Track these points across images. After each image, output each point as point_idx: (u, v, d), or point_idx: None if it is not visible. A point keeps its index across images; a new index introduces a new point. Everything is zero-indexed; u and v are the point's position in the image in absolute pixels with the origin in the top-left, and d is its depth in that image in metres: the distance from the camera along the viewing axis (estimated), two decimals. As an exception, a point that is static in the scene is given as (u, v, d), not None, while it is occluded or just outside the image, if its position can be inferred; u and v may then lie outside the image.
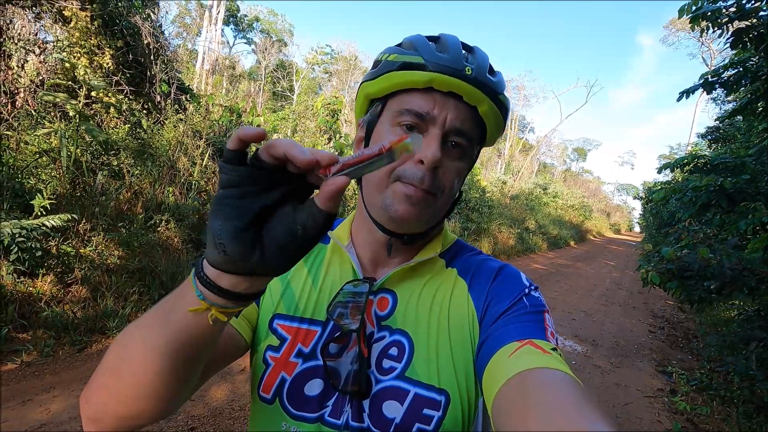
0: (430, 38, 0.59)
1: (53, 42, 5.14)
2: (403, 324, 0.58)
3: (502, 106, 0.57)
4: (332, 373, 0.56)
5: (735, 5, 3.66)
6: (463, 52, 0.56)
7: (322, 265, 0.65)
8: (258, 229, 0.36)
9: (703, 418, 3.28)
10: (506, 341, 0.50)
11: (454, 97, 0.54)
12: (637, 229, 46.29)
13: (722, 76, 4.09)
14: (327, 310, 0.58)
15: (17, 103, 4.60)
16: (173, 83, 5.90)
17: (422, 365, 0.55)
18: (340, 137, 6.75)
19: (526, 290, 0.58)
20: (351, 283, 0.60)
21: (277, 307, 0.62)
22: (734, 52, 4.09)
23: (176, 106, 5.88)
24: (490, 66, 0.58)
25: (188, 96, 6.32)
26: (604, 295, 8.06)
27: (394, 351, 0.57)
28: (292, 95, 22.05)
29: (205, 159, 5.49)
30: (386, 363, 0.56)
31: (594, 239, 26.40)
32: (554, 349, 0.48)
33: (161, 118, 5.57)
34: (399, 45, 0.59)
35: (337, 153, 6.79)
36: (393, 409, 0.53)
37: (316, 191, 0.38)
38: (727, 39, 3.95)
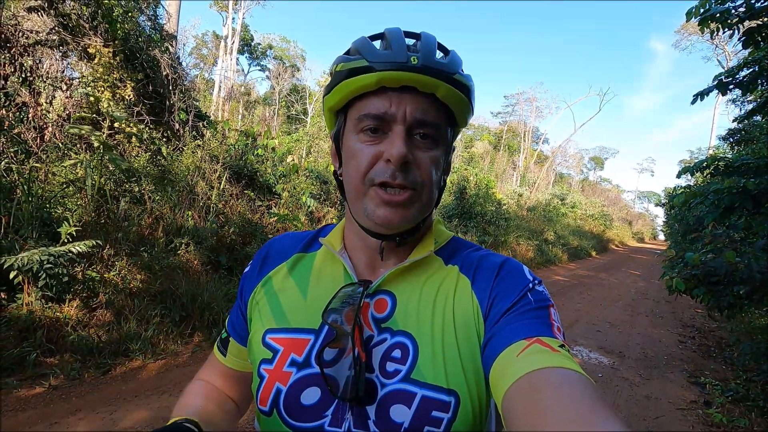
0: (375, 37, 0.58)
1: (79, 78, 5.42)
2: (404, 325, 0.57)
3: (459, 85, 0.55)
4: (330, 380, 0.54)
5: (744, 5, 3.62)
6: (409, 41, 0.56)
7: (310, 274, 0.64)
8: None
9: (741, 430, 3.12)
10: (513, 339, 0.49)
11: (409, 90, 0.53)
12: (661, 237, 44.97)
13: (737, 76, 4.03)
14: (322, 315, 0.57)
15: (45, 136, 4.84)
16: (191, 111, 6.12)
17: (428, 366, 0.53)
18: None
19: (530, 285, 0.56)
20: (345, 288, 0.59)
21: (268, 323, 0.62)
22: (748, 51, 4.03)
23: (194, 133, 6.09)
24: (440, 47, 0.57)
25: (205, 122, 6.54)
26: (630, 305, 7.82)
27: (397, 353, 0.55)
28: (306, 118, 22.53)
29: (223, 182, 5.64)
30: (390, 366, 0.54)
31: (616, 249, 25.74)
32: (562, 346, 0.48)
33: (180, 145, 5.77)
34: (347, 52, 0.58)
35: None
36: (400, 414, 0.52)
37: None
38: (739, 39, 3.90)
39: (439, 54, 0.56)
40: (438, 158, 0.57)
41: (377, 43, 0.56)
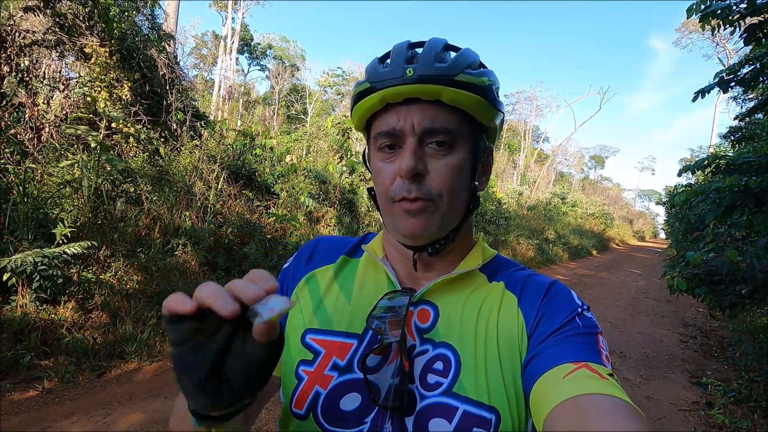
0: (384, 56, 0.59)
1: (75, 78, 5.39)
2: (447, 337, 0.56)
3: (465, 85, 0.53)
4: (372, 386, 0.53)
5: (746, 1, 3.58)
6: (410, 52, 0.56)
7: (354, 279, 0.64)
8: (219, 371, 0.37)
9: (744, 431, 3.08)
10: (560, 361, 0.48)
11: (414, 101, 0.53)
12: (662, 235, 44.93)
13: (738, 73, 3.99)
14: (366, 320, 0.56)
15: (42, 137, 4.81)
16: (188, 111, 6.09)
17: (470, 381, 0.52)
18: (351, 155, 6.81)
19: (579, 309, 0.55)
20: (388, 295, 0.59)
21: (309, 322, 0.61)
22: (749, 48, 3.99)
23: (192, 133, 6.06)
24: (441, 53, 0.55)
25: (203, 122, 6.50)
26: (631, 304, 7.78)
27: (439, 365, 0.54)
28: (306, 117, 22.51)
29: (220, 182, 5.61)
30: (431, 378, 0.54)
31: (617, 247, 25.69)
32: (611, 375, 0.46)
33: (177, 145, 5.74)
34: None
35: (348, 170, 6.87)
36: (441, 427, 0.51)
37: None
38: (740, 36, 3.86)
39: (449, 55, 0.56)
40: (459, 163, 0.55)
41: (377, 64, 0.57)
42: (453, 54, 0.56)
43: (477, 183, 0.60)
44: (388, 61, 0.56)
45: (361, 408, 0.54)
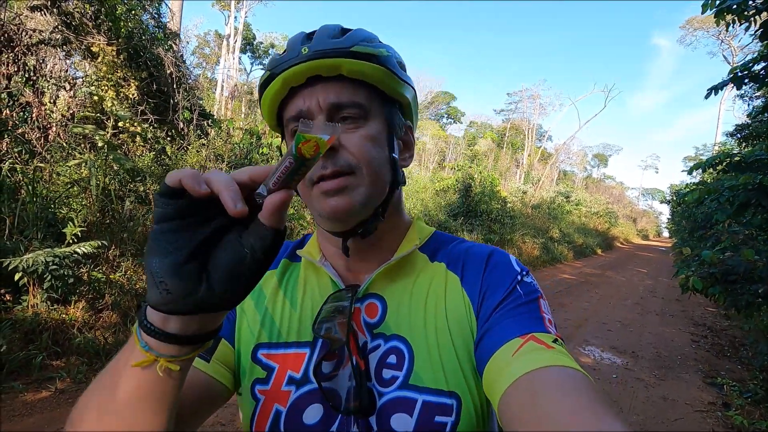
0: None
1: (82, 77, 5.37)
2: (397, 329, 0.54)
3: (362, 56, 0.51)
4: (330, 394, 0.51)
5: (762, -4, 3.53)
6: (305, 38, 0.54)
7: (297, 285, 0.61)
8: (202, 261, 0.34)
9: (763, 433, 3.04)
10: (507, 337, 0.47)
11: (317, 80, 0.52)
12: (666, 234, 44.76)
13: (752, 69, 3.94)
14: (313, 328, 0.54)
15: (50, 136, 4.79)
16: (195, 110, 6.06)
17: (426, 370, 0.51)
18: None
19: (519, 277, 0.55)
20: (333, 296, 0.56)
21: (258, 336, 0.58)
22: (763, 44, 3.94)
23: (198, 132, 6.03)
24: (340, 30, 0.54)
25: (210, 121, 6.48)
26: (639, 303, 7.73)
27: (392, 359, 0.53)
28: (309, 116, 22.48)
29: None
30: (386, 373, 0.52)
31: (621, 246, 25.61)
32: (555, 341, 0.46)
33: (184, 144, 5.72)
34: None
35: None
36: (402, 422, 0.49)
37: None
38: (755, 31, 3.81)
39: (345, 31, 0.54)
40: (373, 134, 0.53)
41: (276, 54, 0.56)
42: (349, 32, 0.55)
43: (397, 156, 0.57)
44: (286, 48, 0.55)
45: (325, 418, 0.52)
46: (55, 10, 5.02)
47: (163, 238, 0.34)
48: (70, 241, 3.39)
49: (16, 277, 2.96)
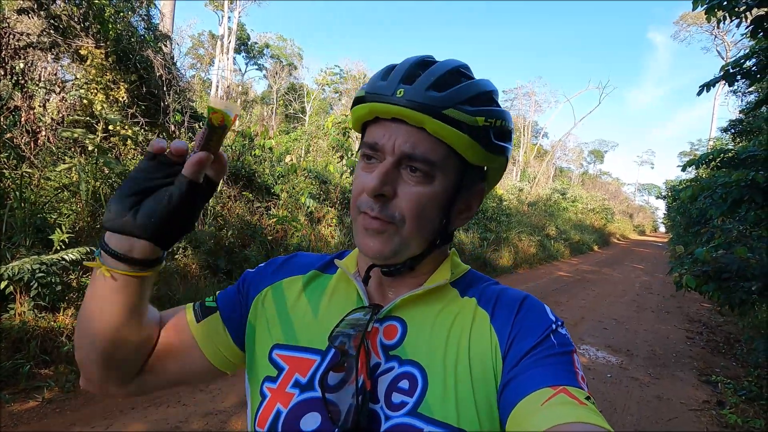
0: (394, 65, 0.57)
1: (72, 80, 5.32)
2: (414, 354, 0.53)
3: (454, 122, 0.50)
4: (331, 406, 0.51)
5: (753, -8, 3.52)
6: (415, 69, 0.53)
7: (324, 294, 0.62)
8: (139, 201, 0.48)
9: (757, 431, 3.04)
10: (537, 386, 0.46)
11: (402, 122, 0.51)
12: (662, 229, 44.94)
13: (743, 66, 3.93)
14: (329, 337, 0.54)
15: (39, 141, 4.74)
16: (186, 112, 6.01)
17: (437, 401, 0.50)
18: (352, 155, 6.74)
19: (553, 326, 0.52)
20: (355, 310, 0.57)
21: (275, 337, 0.60)
22: (754, 41, 3.93)
23: (190, 134, 5.99)
24: (444, 78, 0.52)
25: (201, 123, 6.43)
26: (635, 300, 7.74)
27: (404, 384, 0.51)
28: (305, 116, 22.41)
29: (220, 184, 5.54)
30: (396, 397, 0.51)
31: (618, 242, 25.68)
32: (588, 398, 0.45)
33: (176, 147, 5.67)
34: None
35: (349, 170, 6.79)
36: None
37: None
38: (746, 28, 3.80)
39: (457, 79, 0.53)
40: (432, 195, 0.53)
41: (379, 74, 0.56)
42: (457, 82, 0.53)
43: (450, 219, 0.57)
44: (386, 72, 0.55)
45: (321, 428, 0.52)
46: (42, 13, 4.96)
47: (130, 179, 0.48)
48: (58, 248, 3.35)
49: (2, 285, 2.92)
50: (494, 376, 0.51)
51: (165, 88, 5.74)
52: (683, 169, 5.11)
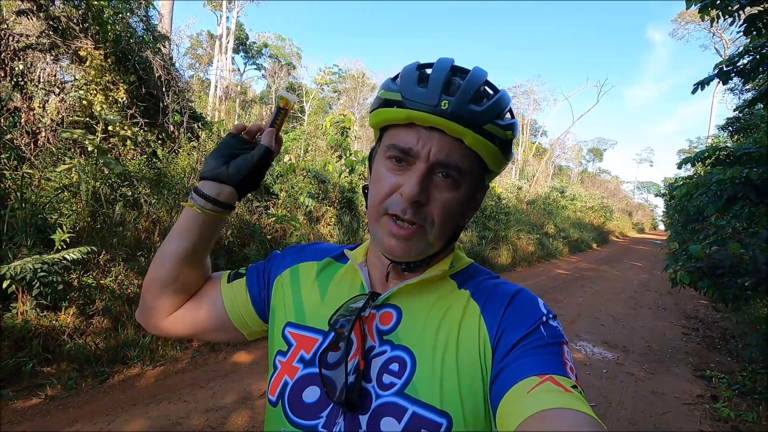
0: (423, 66, 0.59)
1: (71, 81, 5.35)
2: (406, 340, 0.57)
3: (490, 136, 0.54)
4: (328, 382, 0.56)
5: (746, -9, 3.55)
6: (450, 77, 0.56)
7: (332, 280, 0.68)
8: (228, 160, 0.66)
9: (750, 424, 3.08)
10: (524, 375, 0.48)
11: (437, 130, 0.54)
12: (661, 227, 44.99)
13: (737, 64, 3.96)
14: (329, 321, 0.59)
15: (39, 141, 4.77)
16: (185, 112, 6.04)
17: (424, 384, 0.53)
18: (350, 154, 6.78)
19: (544, 318, 0.55)
20: (355, 297, 0.62)
21: (288, 315, 0.66)
22: (748, 39, 3.96)
23: (189, 135, 6.02)
24: (480, 92, 0.56)
25: (200, 124, 6.46)
26: (632, 297, 7.79)
27: (394, 366, 0.56)
28: (303, 116, 22.42)
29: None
30: (386, 378, 0.55)
31: (617, 240, 25.72)
32: (574, 387, 0.47)
33: (175, 147, 5.70)
34: (394, 77, 0.60)
35: (347, 169, 6.82)
36: (390, 427, 0.52)
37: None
38: (739, 26, 3.83)
39: (488, 92, 0.57)
40: (458, 200, 0.57)
41: (427, 71, 0.58)
42: (489, 95, 0.57)
43: (466, 219, 0.62)
44: (421, 78, 0.56)
45: (319, 402, 0.57)
46: (41, 14, 4.99)
47: (216, 149, 0.67)
48: (59, 248, 3.38)
49: (5, 284, 2.96)
50: (481, 366, 0.54)
51: (164, 89, 5.77)
52: (679, 167, 5.14)
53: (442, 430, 0.51)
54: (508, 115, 0.58)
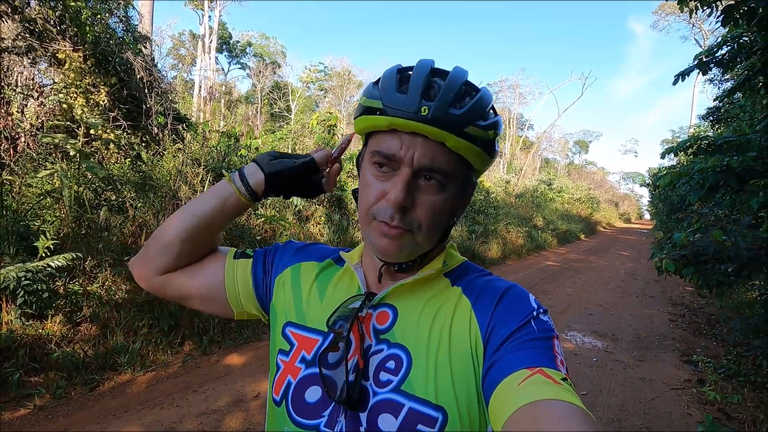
0: (403, 70, 0.59)
1: (50, 85, 5.23)
2: (402, 338, 0.59)
3: (472, 138, 0.55)
4: (328, 381, 0.58)
5: (723, -18, 3.61)
6: (430, 80, 0.56)
7: (330, 282, 0.69)
8: (288, 177, 0.68)
9: (735, 406, 3.16)
10: (515, 368, 0.49)
11: (420, 135, 0.54)
12: (647, 216, 45.74)
13: (716, 54, 4.03)
14: (327, 322, 0.60)
15: (18, 147, 4.67)
16: (169, 114, 5.96)
17: (419, 380, 0.55)
18: (339, 152, 6.75)
19: (534, 313, 0.56)
20: (352, 298, 0.63)
21: (289, 315, 0.67)
22: (726, 29, 4.03)
23: (174, 136, 5.93)
24: (460, 93, 0.56)
25: (185, 125, 6.38)
26: (620, 287, 7.92)
27: (391, 364, 0.57)
28: (290, 115, 22.26)
29: (206, 186, 5.51)
30: (383, 376, 0.57)
31: (604, 230, 26.09)
32: (564, 379, 0.47)
33: (160, 150, 5.62)
34: (375, 82, 0.60)
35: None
36: (388, 423, 0.53)
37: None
38: (717, 17, 3.90)
39: (469, 92, 0.57)
40: (443, 202, 0.58)
41: (394, 84, 0.57)
42: (470, 94, 0.57)
43: (455, 218, 0.63)
44: (401, 83, 0.57)
45: (321, 401, 0.58)
46: (17, 16, 4.87)
47: (285, 158, 0.69)
48: (43, 255, 3.32)
49: (-13, 294, 2.89)
50: (473, 361, 0.55)
51: (146, 90, 5.68)
52: (662, 157, 5.22)
53: (437, 424, 0.52)
54: (491, 113, 0.59)
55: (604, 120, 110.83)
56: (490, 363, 0.52)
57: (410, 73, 0.57)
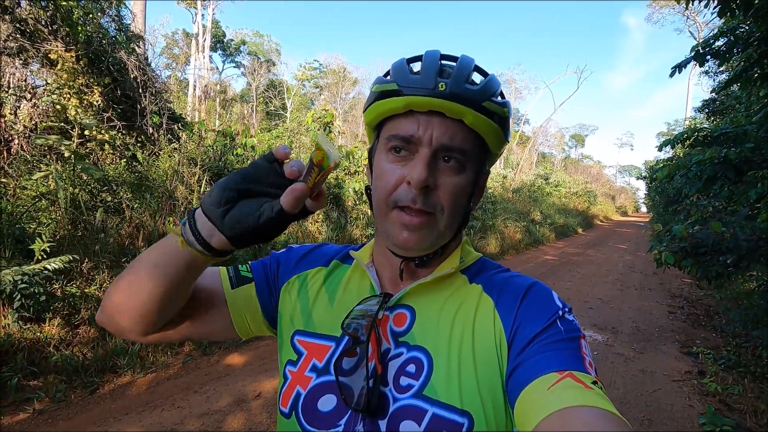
0: (414, 59, 0.58)
1: (43, 86, 5.17)
2: (421, 340, 0.56)
3: (489, 113, 0.54)
4: (345, 389, 0.55)
5: (719, -27, 3.59)
6: (442, 63, 0.55)
7: (340, 284, 0.66)
8: (239, 199, 0.48)
9: (736, 397, 3.18)
10: (544, 371, 0.47)
11: (437, 114, 0.53)
12: (644, 209, 45.96)
13: (713, 46, 4.02)
14: (342, 325, 0.57)
15: (12, 149, 4.62)
16: (164, 114, 5.91)
17: (442, 384, 0.52)
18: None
19: (560, 312, 0.54)
20: (366, 300, 0.60)
21: (297, 323, 0.64)
22: (722, 21, 4.03)
23: (169, 136, 5.89)
24: (478, 70, 0.57)
25: (180, 124, 6.33)
26: (619, 279, 7.94)
27: (411, 368, 0.54)
28: (286, 113, 22.18)
29: (203, 185, 5.48)
30: (404, 380, 0.54)
31: (601, 224, 26.18)
32: (595, 383, 0.45)
33: (155, 150, 5.58)
34: (386, 74, 0.59)
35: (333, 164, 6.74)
36: (410, 430, 0.51)
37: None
38: (714, 8, 3.89)
39: (477, 77, 0.57)
40: (463, 184, 0.56)
41: (416, 65, 0.57)
42: (481, 78, 0.57)
43: (472, 204, 0.61)
44: (419, 68, 0.56)
45: (336, 410, 0.55)
46: (7, 17, 4.81)
47: (237, 173, 0.49)
48: (40, 258, 3.29)
49: (-16, 298, 2.86)
50: (498, 361, 0.52)
51: (140, 90, 5.63)
52: (659, 149, 5.24)
53: (464, 430, 0.50)
54: (500, 97, 0.58)
55: (599, 114, 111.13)
56: (515, 364, 0.50)
57: (418, 63, 0.57)
